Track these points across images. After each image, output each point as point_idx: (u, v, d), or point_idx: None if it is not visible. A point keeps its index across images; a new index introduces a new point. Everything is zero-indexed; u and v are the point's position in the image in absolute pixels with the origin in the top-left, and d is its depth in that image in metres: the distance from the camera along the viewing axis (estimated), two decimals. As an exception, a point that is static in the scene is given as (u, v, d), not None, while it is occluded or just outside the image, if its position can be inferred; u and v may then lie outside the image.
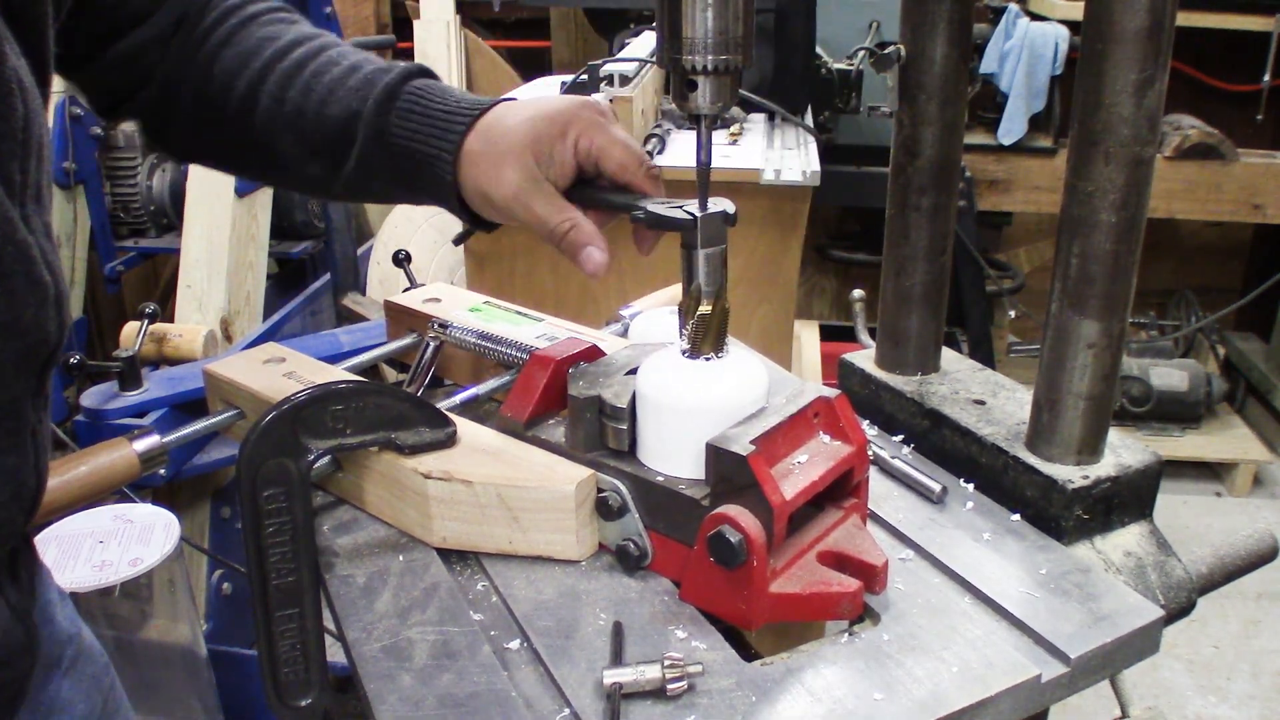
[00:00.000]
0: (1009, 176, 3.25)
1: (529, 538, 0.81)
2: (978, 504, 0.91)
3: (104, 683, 0.86)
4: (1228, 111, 3.39)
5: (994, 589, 0.78)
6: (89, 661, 0.84)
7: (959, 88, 0.99)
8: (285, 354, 1.01)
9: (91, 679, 0.84)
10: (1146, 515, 0.91)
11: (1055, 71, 3.08)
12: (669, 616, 0.75)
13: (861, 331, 1.22)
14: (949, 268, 1.06)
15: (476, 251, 1.85)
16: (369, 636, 0.74)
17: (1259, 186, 3.21)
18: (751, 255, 1.76)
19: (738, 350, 0.81)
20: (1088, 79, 0.82)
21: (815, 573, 0.74)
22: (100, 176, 2.58)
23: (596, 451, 0.82)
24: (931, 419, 0.99)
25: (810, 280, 3.74)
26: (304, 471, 0.75)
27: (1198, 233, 3.81)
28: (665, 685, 0.66)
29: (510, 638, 0.74)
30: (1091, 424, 0.89)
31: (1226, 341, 3.72)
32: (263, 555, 0.74)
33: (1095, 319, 0.86)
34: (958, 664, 0.70)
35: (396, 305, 1.14)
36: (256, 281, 2.27)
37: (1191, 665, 2.56)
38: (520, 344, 0.99)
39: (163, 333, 1.90)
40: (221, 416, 0.97)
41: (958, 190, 1.04)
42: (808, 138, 1.95)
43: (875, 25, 2.77)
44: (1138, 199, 0.83)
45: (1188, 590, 0.89)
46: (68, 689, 0.81)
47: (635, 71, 1.87)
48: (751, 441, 0.72)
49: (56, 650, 0.81)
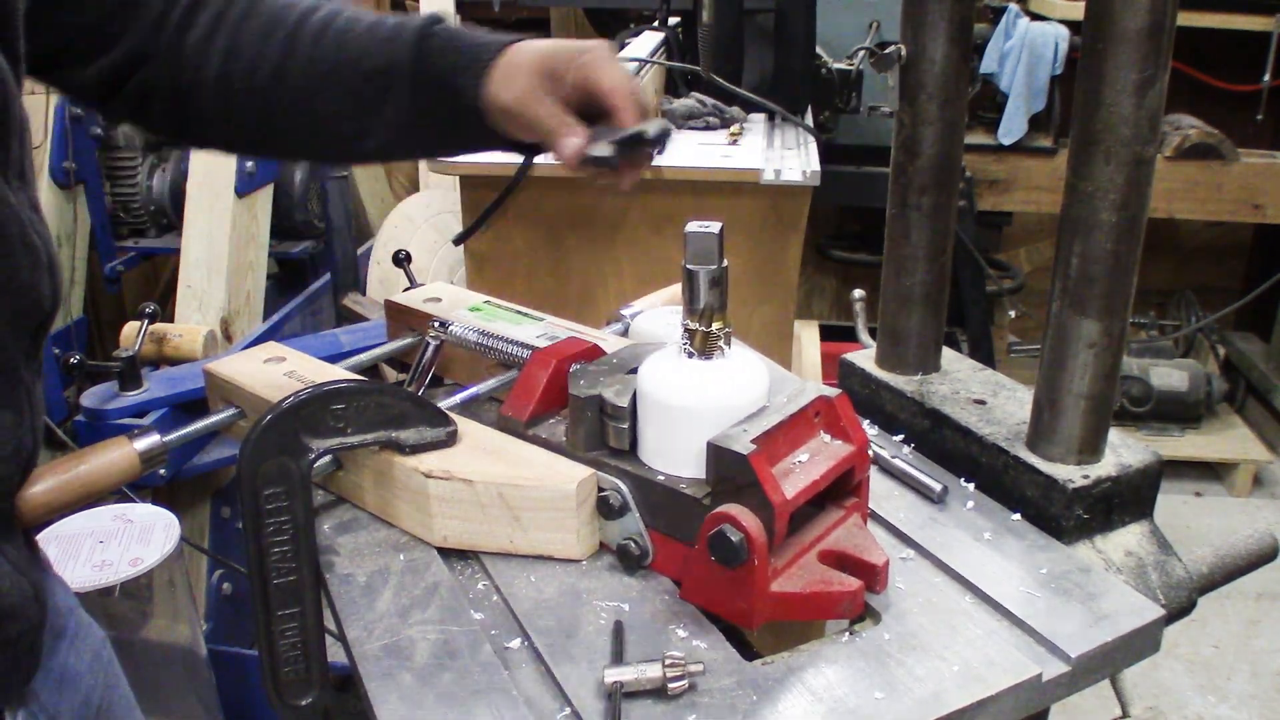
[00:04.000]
0: (1009, 176, 3.25)
1: (530, 537, 0.81)
2: (978, 503, 0.91)
3: (104, 656, 0.88)
4: (1228, 111, 3.39)
5: (995, 588, 0.78)
6: (89, 634, 0.86)
7: (959, 88, 0.99)
8: (285, 353, 1.01)
9: (93, 652, 0.86)
10: (1147, 515, 0.91)
11: (1055, 71, 3.08)
12: (670, 615, 0.75)
13: (861, 331, 1.22)
14: (949, 268, 1.06)
15: (476, 251, 1.84)
16: (370, 635, 0.74)
17: (1259, 186, 3.20)
18: (751, 255, 1.76)
19: (738, 350, 0.81)
20: (1088, 79, 0.82)
21: (816, 572, 0.74)
22: (100, 176, 2.58)
23: (597, 451, 0.82)
24: (932, 418, 0.99)
25: (810, 280, 3.74)
26: (305, 470, 0.75)
27: (1198, 233, 3.81)
28: (666, 684, 0.66)
29: (511, 637, 0.74)
30: (1092, 424, 0.89)
31: (1226, 341, 3.71)
32: (263, 554, 0.74)
33: (1095, 319, 0.86)
34: (959, 663, 0.70)
35: (397, 305, 1.14)
36: (256, 281, 2.27)
37: (1191, 665, 2.56)
38: (521, 343, 0.99)
39: (163, 333, 1.90)
40: (222, 416, 0.97)
41: (958, 190, 1.04)
42: (808, 138, 1.95)
43: (875, 25, 2.77)
44: (1138, 199, 0.83)
45: (1188, 590, 0.89)
46: (74, 660, 0.83)
47: (635, 71, 1.87)
48: (752, 440, 0.72)
49: (59, 621, 0.82)
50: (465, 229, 1.80)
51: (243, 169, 2.21)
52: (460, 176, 1.80)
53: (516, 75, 0.88)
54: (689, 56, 2.25)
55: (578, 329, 1.06)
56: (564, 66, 0.88)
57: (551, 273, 1.82)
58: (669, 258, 1.71)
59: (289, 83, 0.91)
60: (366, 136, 0.94)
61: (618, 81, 0.87)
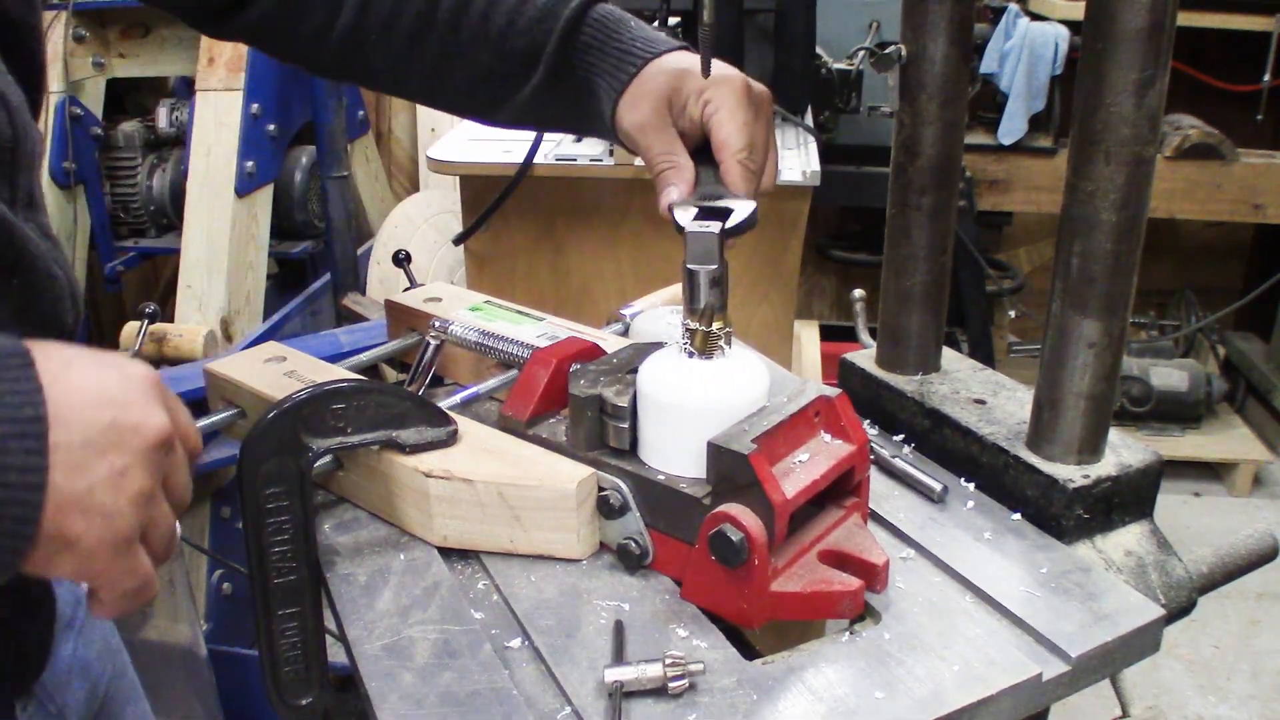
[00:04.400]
0: (1009, 176, 3.25)
1: (530, 536, 0.81)
2: (978, 503, 0.91)
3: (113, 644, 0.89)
4: (1228, 111, 3.39)
5: (995, 588, 0.78)
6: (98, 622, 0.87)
7: (959, 88, 0.99)
8: (286, 353, 1.01)
9: (102, 641, 0.87)
10: (1147, 515, 0.91)
11: (1055, 71, 3.07)
12: (670, 615, 0.75)
13: (861, 331, 1.22)
14: (949, 268, 1.06)
15: (476, 251, 1.85)
16: (370, 635, 0.74)
17: (1259, 186, 3.20)
18: (751, 255, 1.76)
19: (739, 349, 0.81)
20: (1088, 79, 0.82)
21: (816, 571, 0.74)
22: (100, 176, 2.58)
23: (598, 450, 0.82)
24: (932, 418, 0.99)
25: (810, 280, 3.74)
26: (305, 470, 0.75)
27: (1198, 233, 3.81)
28: (667, 684, 0.66)
29: (511, 636, 0.74)
30: (1092, 423, 0.89)
31: (1226, 341, 3.71)
32: (264, 554, 0.74)
33: (1096, 319, 0.86)
34: (959, 663, 0.70)
35: (397, 305, 1.14)
36: (256, 281, 2.27)
37: (1191, 665, 2.56)
38: (521, 343, 0.99)
39: (163, 333, 1.90)
40: (222, 416, 0.97)
41: (958, 190, 1.04)
42: (808, 138, 1.95)
43: (875, 25, 2.77)
44: (1138, 199, 0.83)
45: (1188, 590, 0.89)
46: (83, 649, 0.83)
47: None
48: (753, 440, 0.72)
49: (68, 612, 0.83)
50: (465, 229, 1.80)
51: (243, 169, 2.22)
52: (460, 176, 1.80)
53: (642, 100, 0.86)
54: (689, 56, 2.25)
55: (578, 329, 1.06)
56: (693, 98, 0.85)
57: (551, 272, 1.83)
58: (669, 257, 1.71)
59: (427, 45, 0.89)
60: (500, 108, 0.92)
61: (731, 137, 0.83)
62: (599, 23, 0.89)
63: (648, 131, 0.85)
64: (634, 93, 0.86)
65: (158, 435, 0.56)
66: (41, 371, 0.53)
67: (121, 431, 0.55)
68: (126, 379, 0.56)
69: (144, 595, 0.58)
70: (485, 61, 0.89)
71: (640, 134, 0.86)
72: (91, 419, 0.54)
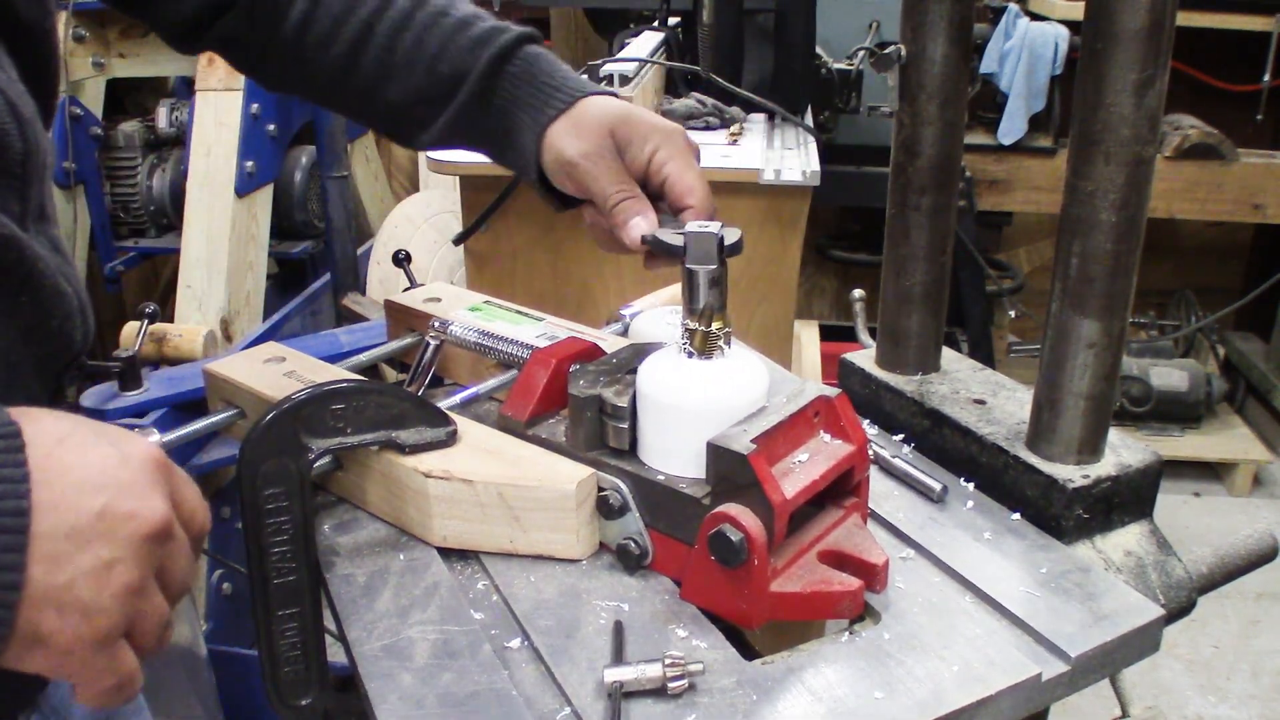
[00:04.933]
0: (1009, 176, 3.25)
1: (530, 537, 0.81)
2: (978, 503, 0.91)
3: None
4: (1228, 111, 3.39)
5: (994, 588, 0.78)
6: None
7: (959, 88, 0.99)
8: (285, 353, 1.01)
9: None
10: (1147, 515, 0.91)
11: (1055, 71, 3.08)
12: (670, 615, 0.75)
13: (861, 331, 1.22)
14: (949, 268, 1.06)
15: (476, 251, 1.84)
16: (369, 636, 0.74)
17: (1259, 186, 3.21)
18: (751, 255, 1.76)
19: (738, 350, 0.81)
20: (1088, 79, 0.82)
21: (816, 572, 0.74)
22: (100, 176, 2.58)
23: (597, 450, 0.82)
24: (932, 418, 0.99)
25: (810, 280, 3.74)
26: (304, 471, 0.75)
27: (1198, 233, 3.81)
28: (666, 684, 0.66)
29: (511, 637, 0.74)
30: (1092, 424, 0.89)
31: (1226, 341, 3.72)
32: (263, 555, 0.74)
33: (1095, 319, 0.86)
34: (958, 663, 0.70)
35: (396, 305, 1.14)
36: (256, 281, 2.28)
37: (1191, 665, 2.56)
38: (521, 343, 0.99)
39: (163, 333, 1.90)
40: (221, 416, 0.97)
41: (958, 190, 1.04)
42: (808, 138, 1.95)
43: (875, 25, 2.77)
44: (1138, 199, 0.83)
45: (1188, 590, 0.89)
46: None
47: (635, 71, 1.86)
48: (752, 440, 0.72)
49: None
50: (465, 229, 1.80)
51: (243, 169, 2.22)
52: (460, 176, 1.80)
53: (587, 131, 0.86)
54: (689, 56, 2.25)
55: (578, 329, 1.06)
56: (639, 141, 0.86)
57: (551, 272, 1.82)
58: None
59: (361, 62, 0.91)
60: (425, 130, 0.93)
61: (696, 185, 0.85)
62: (531, 57, 0.90)
63: (597, 161, 0.85)
64: (575, 123, 0.86)
65: (152, 525, 0.52)
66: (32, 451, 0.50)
67: (112, 520, 0.51)
68: (125, 460, 0.53)
69: (126, 692, 0.54)
70: (415, 83, 0.91)
71: (588, 161, 0.85)
72: (81, 505, 0.50)
